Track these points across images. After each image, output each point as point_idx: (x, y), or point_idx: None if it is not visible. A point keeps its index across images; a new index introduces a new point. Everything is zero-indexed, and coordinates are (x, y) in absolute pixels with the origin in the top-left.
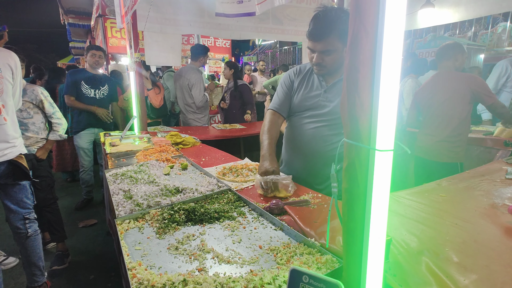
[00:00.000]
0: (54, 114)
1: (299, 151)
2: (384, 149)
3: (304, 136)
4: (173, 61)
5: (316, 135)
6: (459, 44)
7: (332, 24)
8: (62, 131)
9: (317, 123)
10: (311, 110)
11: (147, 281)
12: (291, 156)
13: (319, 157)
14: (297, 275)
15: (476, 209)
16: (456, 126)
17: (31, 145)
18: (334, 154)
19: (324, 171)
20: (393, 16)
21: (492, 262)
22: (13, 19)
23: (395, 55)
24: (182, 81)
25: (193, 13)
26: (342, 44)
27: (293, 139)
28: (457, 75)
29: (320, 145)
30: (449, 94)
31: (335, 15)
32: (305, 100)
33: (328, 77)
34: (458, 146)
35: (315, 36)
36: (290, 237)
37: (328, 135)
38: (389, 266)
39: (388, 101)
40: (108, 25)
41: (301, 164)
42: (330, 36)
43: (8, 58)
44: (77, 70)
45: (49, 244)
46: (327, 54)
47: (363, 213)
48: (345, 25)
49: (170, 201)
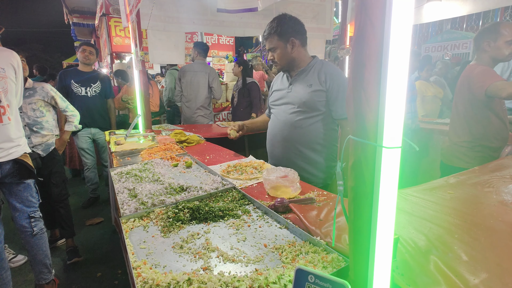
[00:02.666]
0: (68, 108)
1: (276, 138)
2: (391, 146)
3: (277, 126)
4: (177, 59)
5: (287, 121)
6: (490, 28)
7: (273, 27)
8: (76, 121)
9: (288, 111)
10: (281, 102)
11: (152, 280)
12: (272, 146)
13: (290, 140)
14: (302, 275)
15: (485, 206)
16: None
17: (48, 140)
18: (305, 137)
19: (299, 154)
20: (401, 8)
21: (503, 260)
22: (18, 20)
23: (403, 49)
24: (199, 76)
25: (196, 10)
26: (283, 42)
27: (271, 130)
28: (468, 69)
29: (292, 129)
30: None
31: (277, 20)
32: (276, 95)
33: (291, 72)
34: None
35: (264, 38)
36: (295, 236)
37: (297, 120)
38: (397, 265)
39: (395, 96)
40: (112, 24)
41: (280, 150)
42: (271, 37)
43: (11, 58)
44: (67, 71)
45: (58, 241)
46: (273, 51)
47: (370, 211)
48: (283, 27)
49: (174, 200)
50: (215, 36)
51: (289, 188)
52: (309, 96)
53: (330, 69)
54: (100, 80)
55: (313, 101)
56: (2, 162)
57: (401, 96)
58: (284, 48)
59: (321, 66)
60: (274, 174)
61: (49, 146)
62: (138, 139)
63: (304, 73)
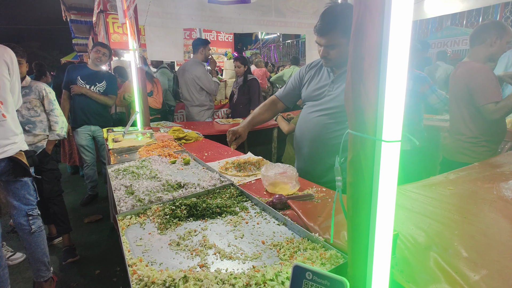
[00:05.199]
0: (52, 112)
1: (304, 138)
2: (391, 140)
3: (308, 124)
4: (175, 56)
5: (319, 122)
6: (499, 24)
7: (336, 20)
8: (59, 130)
9: (321, 111)
10: (318, 100)
11: (147, 277)
12: (299, 143)
13: (322, 145)
14: (300, 272)
15: (485, 202)
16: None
17: (39, 142)
18: (335, 143)
19: (326, 160)
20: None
21: (503, 257)
22: (16, 17)
23: (403, 41)
24: (187, 76)
25: (194, 6)
26: (346, 39)
27: (300, 127)
28: (465, 66)
29: (323, 132)
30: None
31: (340, 11)
32: (313, 90)
33: (336, 69)
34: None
35: (320, 31)
36: (293, 232)
37: (330, 123)
38: (396, 262)
39: (395, 90)
40: (110, 20)
41: (306, 150)
42: (333, 32)
43: (4, 54)
44: (75, 66)
45: (55, 239)
46: (331, 48)
47: (369, 207)
48: (349, 21)
49: (171, 197)
50: (214, 33)
51: (288, 184)
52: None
53: None
54: (106, 80)
55: None
56: None
57: (401, 89)
58: (346, 46)
59: None
60: (272, 170)
61: (38, 148)
62: (136, 136)
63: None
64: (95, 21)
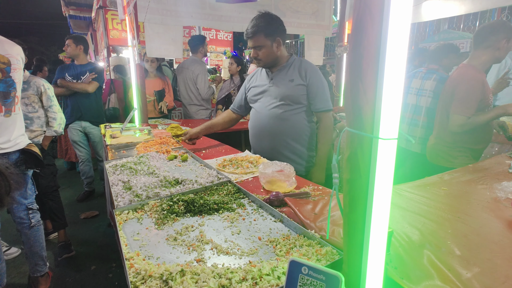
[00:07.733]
0: (51, 108)
1: (260, 131)
2: (388, 138)
3: (262, 118)
4: (174, 53)
5: (273, 114)
6: (507, 25)
7: (259, 25)
8: (57, 126)
9: (271, 105)
10: (263, 96)
11: (144, 271)
12: (257, 139)
13: (278, 133)
14: (296, 266)
15: (478, 202)
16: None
17: (36, 138)
18: (292, 129)
19: (290, 142)
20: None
21: (495, 256)
22: (14, 11)
23: (402, 40)
24: (186, 74)
25: (195, 4)
26: (270, 41)
27: (255, 124)
28: (460, 71)
29: (279, 122)
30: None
31: (262, 18)
32: (256, 90)
33: (272, 69)
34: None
35: (248, 35)
36: (289, 229)
37: (282, 112)
38: (390, 259)
39: (393, 88)
40: (109, 17)
41: (268, 142)
42: (258, 35)
43: (19, 50)
44: (65, 65)
45: (51, 235)
46: (259, 49)
47: (365, 204)
48: (271, 26)
49: (169, 192)
50: (213, 31)
51: (285, 182)
52: (292, 90)
53: (309, 66)
54: (89, 71)
55: (297, 95)
56: (10, 152)
57: (399, 87)
58: (270, 46)
59: (300, 63)
60: (270, 168)
61: (35, 144)
62: (134, 133)
63: (285, 69)
64: (94, 17)
